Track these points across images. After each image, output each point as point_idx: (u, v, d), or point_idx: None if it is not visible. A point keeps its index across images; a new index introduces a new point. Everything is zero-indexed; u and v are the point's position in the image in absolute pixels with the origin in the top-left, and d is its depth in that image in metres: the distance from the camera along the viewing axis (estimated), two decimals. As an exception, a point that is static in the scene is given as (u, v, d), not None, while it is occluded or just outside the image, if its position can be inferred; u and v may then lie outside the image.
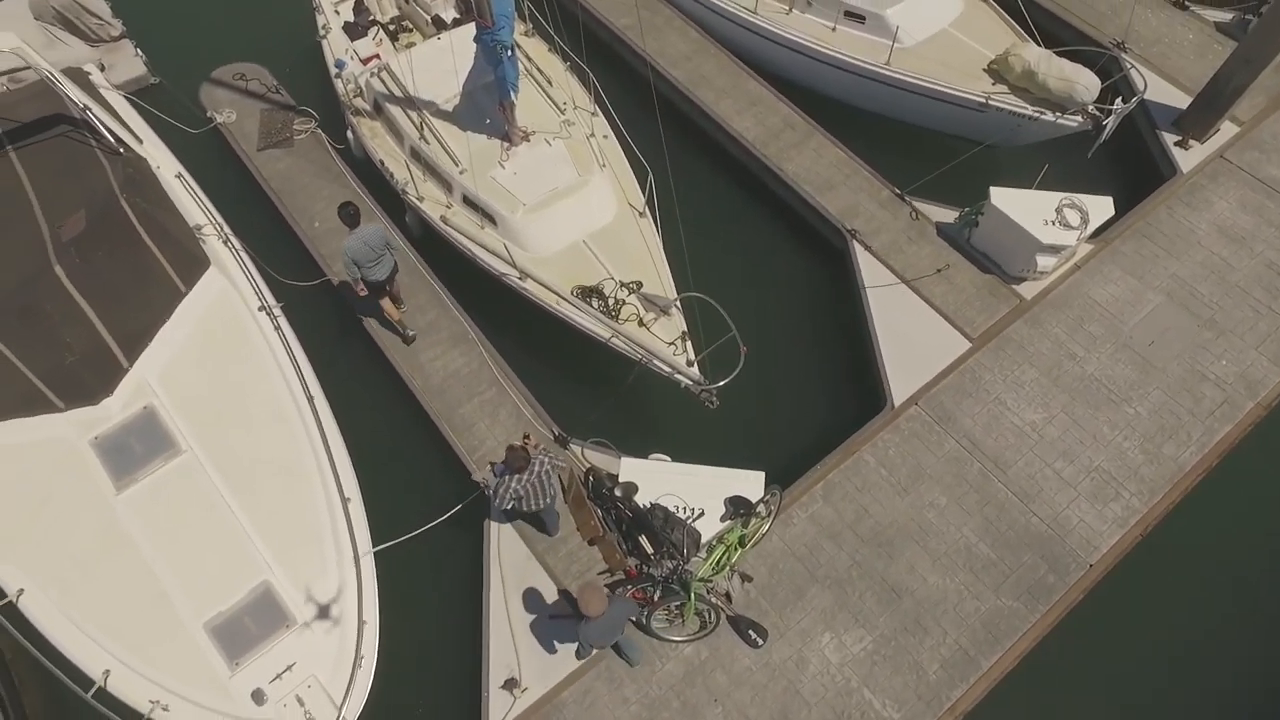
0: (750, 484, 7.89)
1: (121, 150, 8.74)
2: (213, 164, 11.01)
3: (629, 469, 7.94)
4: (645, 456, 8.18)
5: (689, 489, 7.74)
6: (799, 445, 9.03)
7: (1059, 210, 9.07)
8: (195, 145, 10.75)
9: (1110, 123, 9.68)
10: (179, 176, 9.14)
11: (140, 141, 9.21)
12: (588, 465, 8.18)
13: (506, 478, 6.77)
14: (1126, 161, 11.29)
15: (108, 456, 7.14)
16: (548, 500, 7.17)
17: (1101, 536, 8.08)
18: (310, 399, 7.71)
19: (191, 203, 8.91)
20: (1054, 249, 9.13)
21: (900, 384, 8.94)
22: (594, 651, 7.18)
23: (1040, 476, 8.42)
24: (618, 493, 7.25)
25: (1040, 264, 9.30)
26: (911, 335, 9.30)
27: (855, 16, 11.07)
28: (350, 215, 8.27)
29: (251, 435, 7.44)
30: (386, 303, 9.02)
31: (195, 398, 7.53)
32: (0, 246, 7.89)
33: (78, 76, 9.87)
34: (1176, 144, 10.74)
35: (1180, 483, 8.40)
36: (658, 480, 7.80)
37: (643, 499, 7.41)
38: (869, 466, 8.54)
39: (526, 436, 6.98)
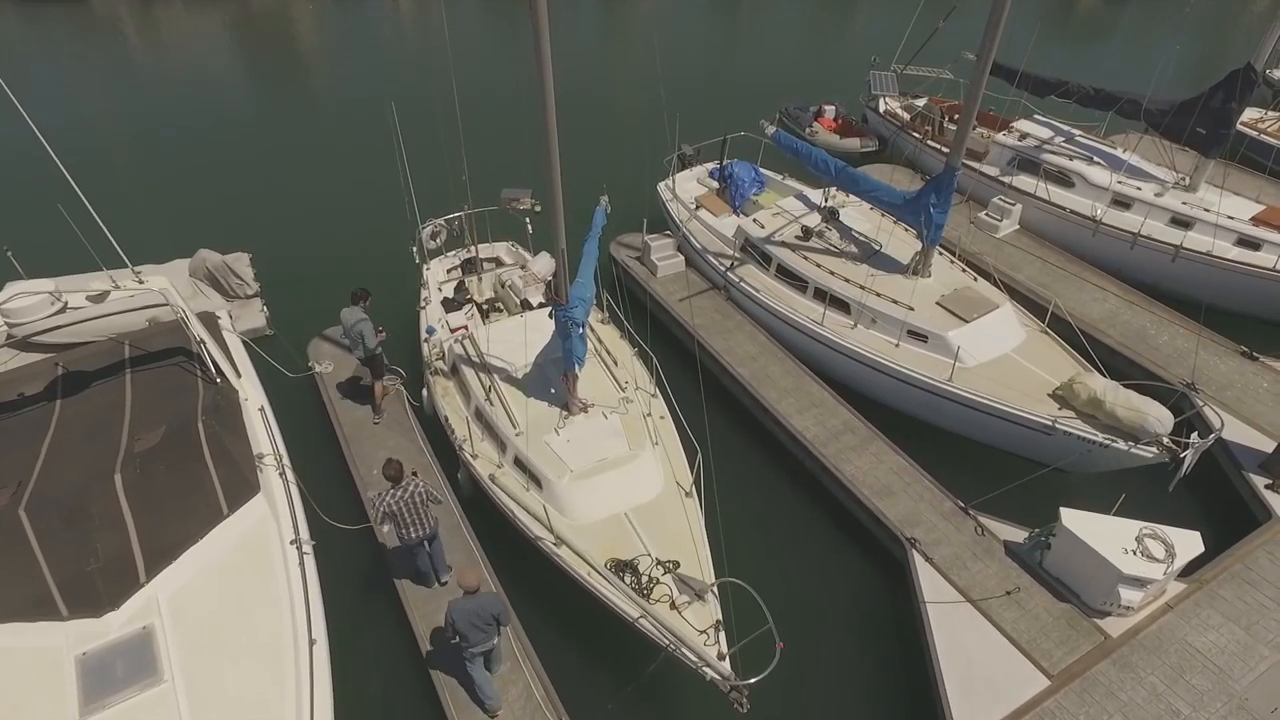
0: (779, 820, 6.59)
1: (218, 380, 9.50)
2: (301, 405, 11.94)
3: (638, 778, 6.83)
4: (660, 765, 7.08)
5: (705, 815, 6.52)
6: (844, 780, 7.69)
7: (1139, 540, 8.40)
8: (291, 387, 11.73)
9: (1189, 456, 9.26)
10: (261, 409, 9.76)
11: (239, 375, 10.04)
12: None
13: (382, 491, 8.06)
14: (1210, 499, 10.60)
15: (87, 676, 6.71)
16: (424, 531, 8.34)
17: None
18: (312, 643, 7.23)
19: (263, 433, 9.37)
20: (1138, 581, 8.26)
21: (967, 718, 7.70)
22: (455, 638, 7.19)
23: None
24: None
25: (1124, 598, 8.38)
26: (978, 662, 8.22)
27: (918, 336, 11.58)
28: (355, 296, 11.13)
29: (240, 672, 6.90)
30: (378, 386, 11.41)
31: (198, 623, 7.20)
32: (82, 453, 8.43)
33: (208, 319, 11.17)
34: (1267, 487, 10.09)
35: None
36: (669, 797, 6.64)
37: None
38: (928, 822, 7.07)
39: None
